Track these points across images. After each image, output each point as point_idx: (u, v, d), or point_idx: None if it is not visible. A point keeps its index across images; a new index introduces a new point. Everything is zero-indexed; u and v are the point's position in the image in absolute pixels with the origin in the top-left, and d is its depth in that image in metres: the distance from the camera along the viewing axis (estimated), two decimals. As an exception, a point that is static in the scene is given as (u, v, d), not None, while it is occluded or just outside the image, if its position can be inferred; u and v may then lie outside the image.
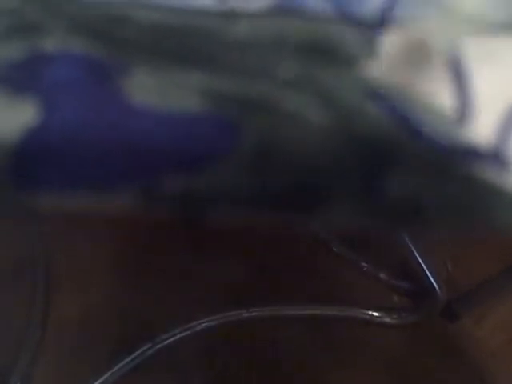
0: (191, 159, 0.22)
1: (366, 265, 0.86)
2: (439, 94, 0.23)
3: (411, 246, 0.80)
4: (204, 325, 0.77)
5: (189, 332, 0.76)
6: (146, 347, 0.75)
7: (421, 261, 0.80)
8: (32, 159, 0.23)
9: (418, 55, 0.24)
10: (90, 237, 0.81)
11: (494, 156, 0.22)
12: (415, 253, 0.80)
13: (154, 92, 0.23)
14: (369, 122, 0.22)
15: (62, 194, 0.22)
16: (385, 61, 0.24)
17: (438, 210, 0.22)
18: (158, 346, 0.75)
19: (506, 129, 0.22)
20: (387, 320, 0.81)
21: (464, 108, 0.23)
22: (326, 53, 0.24)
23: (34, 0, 0.25)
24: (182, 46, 0.25)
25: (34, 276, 0.79)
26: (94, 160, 0.22)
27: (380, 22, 0.25)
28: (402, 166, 0.22)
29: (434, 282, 0.80)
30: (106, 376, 0.73)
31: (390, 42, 0.24)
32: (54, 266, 0.80)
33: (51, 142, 0.23)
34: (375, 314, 0.81)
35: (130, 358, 0.74)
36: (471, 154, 0.22)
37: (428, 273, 0.80)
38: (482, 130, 0.22)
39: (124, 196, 0.22)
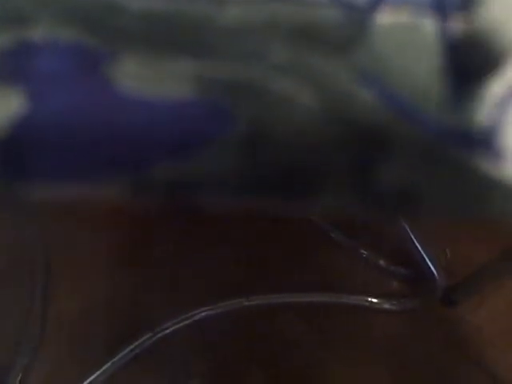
0: (180, 145, 0.22)
1: (364, 251, 0.86)
2: (431, 78, 0.23)
3: (410, 232, 0.80)
4: (204, 314, 0.77)
5: (188, 321, 0.76)
6: (145, 337, 0.75)
7: (420, 247, 0.80)
8: (20, 149, 0.22)
9: (409, 38, 0.24)
10: (88, 231, 0.80)
11: (487, 142, 0.22)
12: (414, 239, 0.80)
13: (143, 79, 0.23)
14: (360, 106, 0.22)
15: (50, 184, 0.22)
16: (376, 44, 0.23)
17: (429, 196, 0.22)
18: (158, 336, 0.75)
19: (499, 115, 0.22)
20: (386, 306, 0.81)
21: (458, 93, 0.23)
22: (317, 37, 0.24)
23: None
24: (172, 32, 0.24)
25: (32, 271, 0.79)
26: (82, 149, 0.22)
27: (371, 6, 0.24)
28: (393, 151, 0.22)
29: (432, 269, 0.80)
30: (105, 366, 0.73)
31: (382, 26, 0.24)
32: (53, 261, 0.80)
33: (40, 131, 0.22)
34: (374, 300, 0.81)
35: (129, 349, 0.74)
36: (464, 140, 0.22)
37: (427, 259, 0.80)
38: (475, 115, 0.22)
39: (112, 184, 0.22)
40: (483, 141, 0.22)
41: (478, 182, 0.22)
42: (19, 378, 0.71)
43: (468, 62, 0.23)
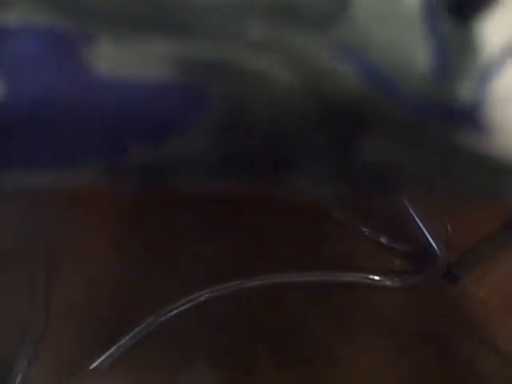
0: (155, 128, 0.22)
1: (366, 229, 0.85)
2: (416, 52, 0.22)
3: (410, 208, 0.80)
4: (206, 296, 0.77)
5: (190, 304, 0.76)
6: (148, 321, 0.75)
7: (420, 223, 0.80)
8: None
9: (392, 11, 0.23)
10: (89, 217, 0.80)
11: (471, 117, 0.21)
12: (414, 216, 0.80)
13: (120, 62, 0.23)
14: (339, 82, 0.22)
15: (25, 171, 0.22)
16: (357, 18, 0.23)
17: (411, 173, 0.22)
18: (161, 320, 0.75)
19: (482, 88, 0.21)
20: (388, 283, 0.81)
21: (442, 65, 0.22)
22: (295, 12, 0.23)
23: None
24: (148, 13, 0.24)
25: (34, 260, 0.79)
26: (58, 133, 0.22)
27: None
28: (374, 127, 0.21)
29: (434, 244, 0.80)
30: (110, 351, 0.73)
31: (364, -1, 0.23)
32: (54, 249, 0.80)
33: (14, 115, 0.22)
34: (376, 277, 0.81)
35: (133, 333, 0.74)
36: (447, 114, 0.21)
37: (428, 235, 0.80)
38: (458, 89, 0.22)
39: (86, 169, 0.22)
40: (467, 115, 0.21)
41: (461, 157, 0.21)
42: (25, 366, 0.71)
43: (451, 34, 0.22)
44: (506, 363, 0.74)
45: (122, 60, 0.23)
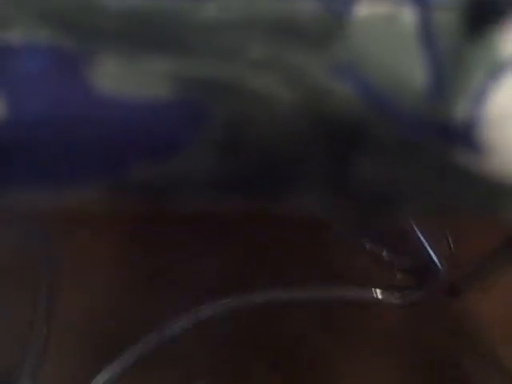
0: (157, 146, 0.22)
1: (367, 243, 0.85)
2: (412, 71, 0.23)
3: (412, 223, 0.80)
4: (206, 314, 0.77)
5: (191, 322, 0.76)
6: (148, 338, 0.75)
7: (422, 238, 0.80)
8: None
9: (388, 30, 0.23)
10: (89, 231, 0.81)
11: (466, 137, 0.21)
12: (416, 230, 0.80)
13: (122, 80, 0.23)
14: (337, 100, 0.22)
15: (27, 189, 0.22)
16: (355, 37, 0.23)
17: (406, 191, 0.22)
18: (161, 337, 0.75)
19: (477, 108, 0.22)
20: (389, 299, 0.81)
21: (437, 85, 0.22)
22: (294, 31, 0.23)
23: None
24: (149, 31, 0.24)
25: (36, 273, 0.79)
26: (60, 152, 0.22)
27: (350, -2, 0.24)
28: (371, 145, 0.22)
29: (436, 259, 0.80)
30: (110, 368, 0.73)
31: (360, 18, 0.24)
32: (56, 263, 0.80)
33: (18, 136, 0.22)
34: (377, 292, 0.81)
35: (133, 350, 0.74)
36: (442, 134, 0.21)
37: (430, 250, 0.80)
38: (454, 109, 0.22)
39: (89, 187, 0.22)
40: (462, 135, 0.22)
41: (457, 176, 0.22)
42: (25, 381, 0.71)
43: (448, 54, 0.22)
44: (507, 379, 0.74)
45: (124, 79, 0.23)
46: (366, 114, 0.22)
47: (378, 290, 0.81)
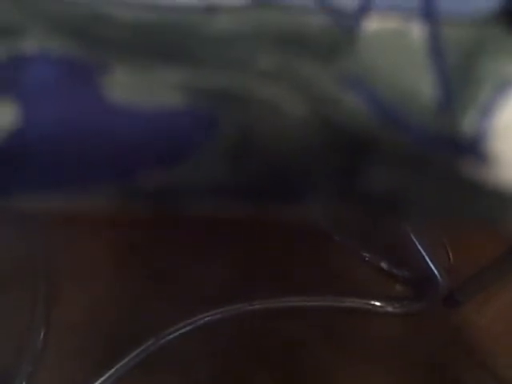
0: (168, 154, 0.22)
1: (366, 254, 0.86)
2: (420, 85, 0.23)
3: (412, 234, 0.80)
4: (207, 319, 0.77)
5: (192, 326, 0.76)
6: (149, 343, 0.75)
7: (422, 249, 0.80)
8: (11, 161, 0.22)
9: (397, 44, 0.24)
10: (88, 235, 0.81)
11: (474, 148, 0.22)
12: (416, 241, 0.80)
13: (133, 90, 0.23)
14: (347, 112, 0.22)
15: (40, 195, 0.22)
16: (364, 50, 0.24)
17: (415, 202, 0.22)
18: (162, 342, 0.75)
19: (486, 120, 0.22)
20: (389, 309, 0.81)
21: (446, 98, 0.23)
22: (304, 44, 0.24)
23: (9, 0, 0.25)
24: (161, 42, 0.25)
25: (34, 277, 0.79)
26: (72, 159, 0.22)
27: (359, 12, 0.25)
28: (380, 156, 0.22)
29: (435, 270, 0.80)
30: (110, 372, 0.73)
31: (370, 32, 0.24)
32: (55, 267, 0.80)
33: (30, 143, 0.23)
34: (377, 303, 0.81)
35: (133, 354, 0.74)
36: (451, 145, 0.22)
37: (429, 261, 0.80)
38: (462, 121, 0.22)
39: (100, 193, 0.22)
40: (470, 146, 0.22)
41: (465, 187, 0.22)
42: (24, 382, 0.71)
43: (456, 68, 0.23)
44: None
45: (135, 88, 0.23)
46: (374, 126, 0.22)
47: (378, 301, 0.81)
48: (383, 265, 0.85)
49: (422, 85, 0.23)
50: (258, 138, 0.22)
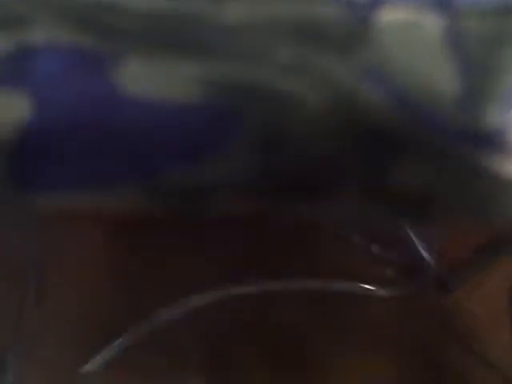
0: (191, 150, 0.22)
1: (356, 237, 0.86)
2: (439, 77, 0.23)
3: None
4: (197, 303, 0.77)
5: (181, 310, 0.76)
6: (139, 325, 0.74)
7: (412, 233, 0.80)
8: (24, 155, 0.22)
9: (413, 36, 0.23)
10: (78, 224, 0.80)
11: (499, 142, 0.22)
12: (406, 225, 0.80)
13: (150, 82, 0.23)
14: (367, 104, 0.22)
15: (57, 193, 0.22)
16: (381, 42, 0.23)
17: (441, 197, 0.22)
18: (153, 323, 0.75)
19: (509, 114, 0.22)
20: (379, 293, 0.81)
21: (467, 91, 0.23)
22: (319, 35, 0.23)
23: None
24: (174, 33, 0.24)
25: (25, 264, 0.78)
26: (91, 156, 0.22)
27: (375, 3, 0.24)
28: (405, 151, 0.22)
29: (425, 254, 0.80)
30: (101, 355, 0.73)
31: (385, 23, 0.24)
32: (45, 253, 0.80)
33: (44, 136, 0.22)
34: (367, 286, 0.82)
35: (125, 337, 0.74)
36: (475, 139, 0.22)
37: (420, 245, 0.81)
38: (487, 114, 0.22)
39: (123, 193, 0.22)
40: (492, 139, 0.22)
41: (490, 182, 0.22)
42: (15, 368, 0.71)
43: (477, 60, 0.23)
44: (497, 376, 0.75)
45: (152, 80, 0.23)
46: (398, 121, 0.22)
47: (368, 284, 0.82)
48: (373, 248, 0.85)
49: (441, 77, 0.23)
50: (282, 132, 0.22)
